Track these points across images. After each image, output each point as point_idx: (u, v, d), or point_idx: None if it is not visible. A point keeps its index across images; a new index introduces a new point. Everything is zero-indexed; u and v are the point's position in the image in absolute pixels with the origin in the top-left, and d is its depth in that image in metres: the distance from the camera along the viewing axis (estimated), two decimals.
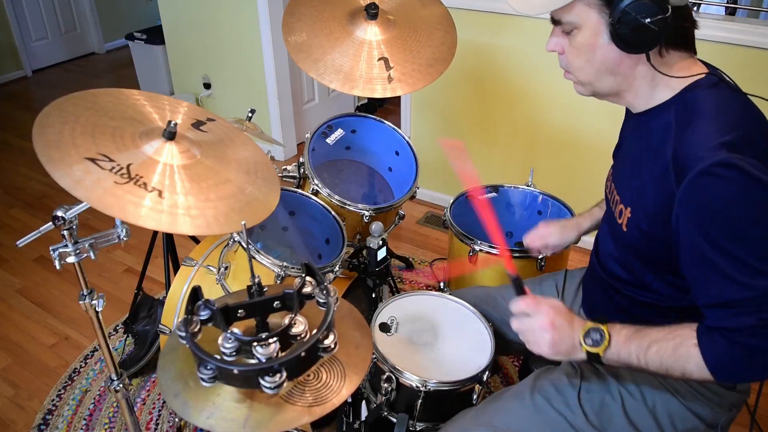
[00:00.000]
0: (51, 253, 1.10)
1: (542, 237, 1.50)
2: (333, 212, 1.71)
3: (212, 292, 1.57)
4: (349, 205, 1.75)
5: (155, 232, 2.02)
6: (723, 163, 0.87)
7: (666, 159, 0.96)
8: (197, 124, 1.21)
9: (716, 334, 0.93)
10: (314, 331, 0.90)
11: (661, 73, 1.00)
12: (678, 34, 0.98)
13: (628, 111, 1.19)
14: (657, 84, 1.02)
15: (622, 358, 1.00)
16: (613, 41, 0.97)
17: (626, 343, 0.99)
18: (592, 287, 1.29)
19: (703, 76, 1.00)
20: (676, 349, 0.96)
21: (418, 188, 1.90)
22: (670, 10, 0.92)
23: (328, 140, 1.95)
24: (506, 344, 1.46)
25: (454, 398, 1.28)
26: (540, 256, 1.62)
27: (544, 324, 1.03)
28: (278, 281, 1.47)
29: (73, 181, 0.94)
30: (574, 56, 1.05)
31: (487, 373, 1.25)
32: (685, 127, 0.95)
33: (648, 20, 0.92)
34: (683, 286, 1.03)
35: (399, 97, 2.97)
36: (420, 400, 1.24)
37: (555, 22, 1.05)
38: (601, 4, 0.97)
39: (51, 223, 1.08)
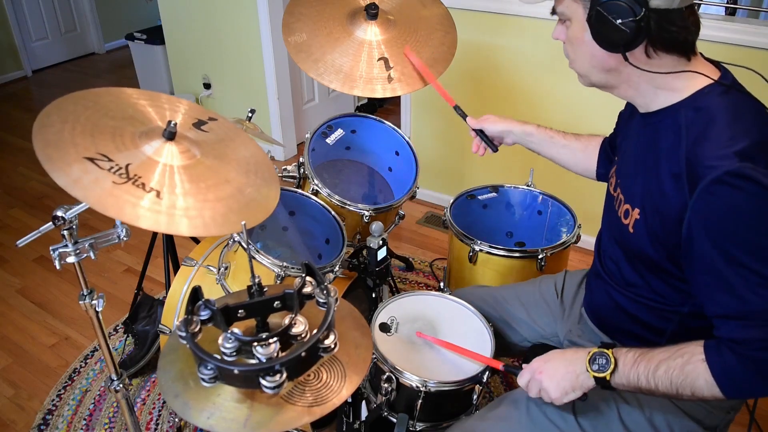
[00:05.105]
0: (51, 253, 1.10)
1: (480, 120, 1.48)
2: (333, 212, 1.71)
3: (212, 292, 1.57)
4: (349, 205, 1.75)
5: (155, 233, 2.02)
6: (735, 173, 0.86)
7: (679, 165, 0.94)
8: (198, 124, 1.21)
9: (725, 348, 0.92)
10: (314, 331, 0.90)
11: (647, 71, 0.97)
12: (665, 37, 0.94)
13: (631, 105, 1.18)
14: (659, 85, 1.00)
15: (631, 381, 0.99)
16: (593, 38, 0.97)
17: (634, 366, 0.98)
18: (594, 286, 1.28)
19: (713, 82, 0.97)
20: (683, 366, 0.94)
21: (418, 188, 1.89)
22: (643, 12, 0.90)
23: (328, 140, 1.95)
24: (506, 344, 1.46)
25: (454, 398, 1.28)
26: (540, 257, 1.62)
27: (534, 377, 1.09)
28: (278, 281, 1.47)
29: (71, 181, 0.94)
30: (569, 47, 1.05)
31: (487, 373, 1.25)
32: (697, 134, 0.93)
33: (619, 21, 0.91)
34: (687, 291, 1.02)
35: (399, 97, 2.97)
36: (420, 401, 1.24)
37: (554, 11, 1.06)
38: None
39: (51, 223, 1.07)
